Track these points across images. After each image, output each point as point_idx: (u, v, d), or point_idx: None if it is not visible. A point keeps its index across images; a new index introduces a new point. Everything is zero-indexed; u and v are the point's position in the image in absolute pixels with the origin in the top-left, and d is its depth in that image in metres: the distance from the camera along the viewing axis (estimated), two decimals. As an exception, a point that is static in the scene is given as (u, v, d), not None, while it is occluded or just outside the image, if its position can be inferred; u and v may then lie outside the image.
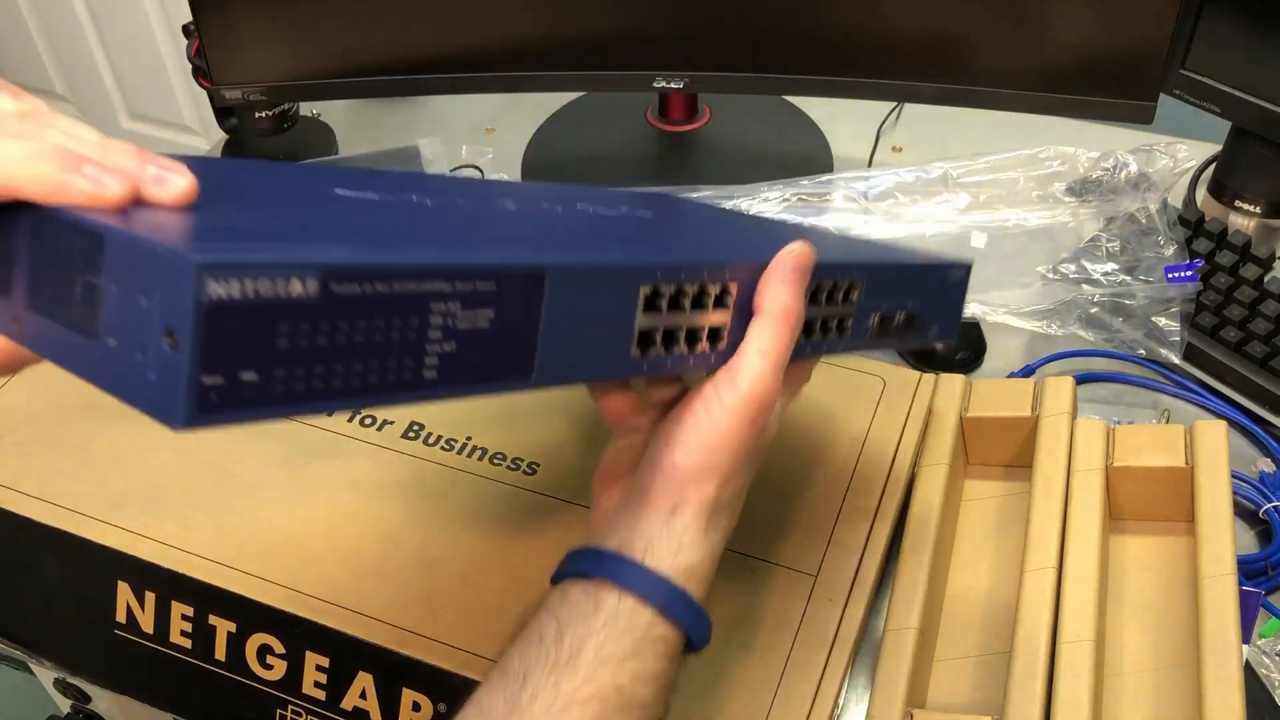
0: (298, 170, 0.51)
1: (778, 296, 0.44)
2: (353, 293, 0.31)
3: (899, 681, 0.54)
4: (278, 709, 0.60)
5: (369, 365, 0.33)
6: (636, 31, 0.88)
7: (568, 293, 0.38)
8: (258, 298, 0.29)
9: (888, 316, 0.53)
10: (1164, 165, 0.88)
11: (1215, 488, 0.58)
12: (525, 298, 0.37)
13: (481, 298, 0.35)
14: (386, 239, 0.37)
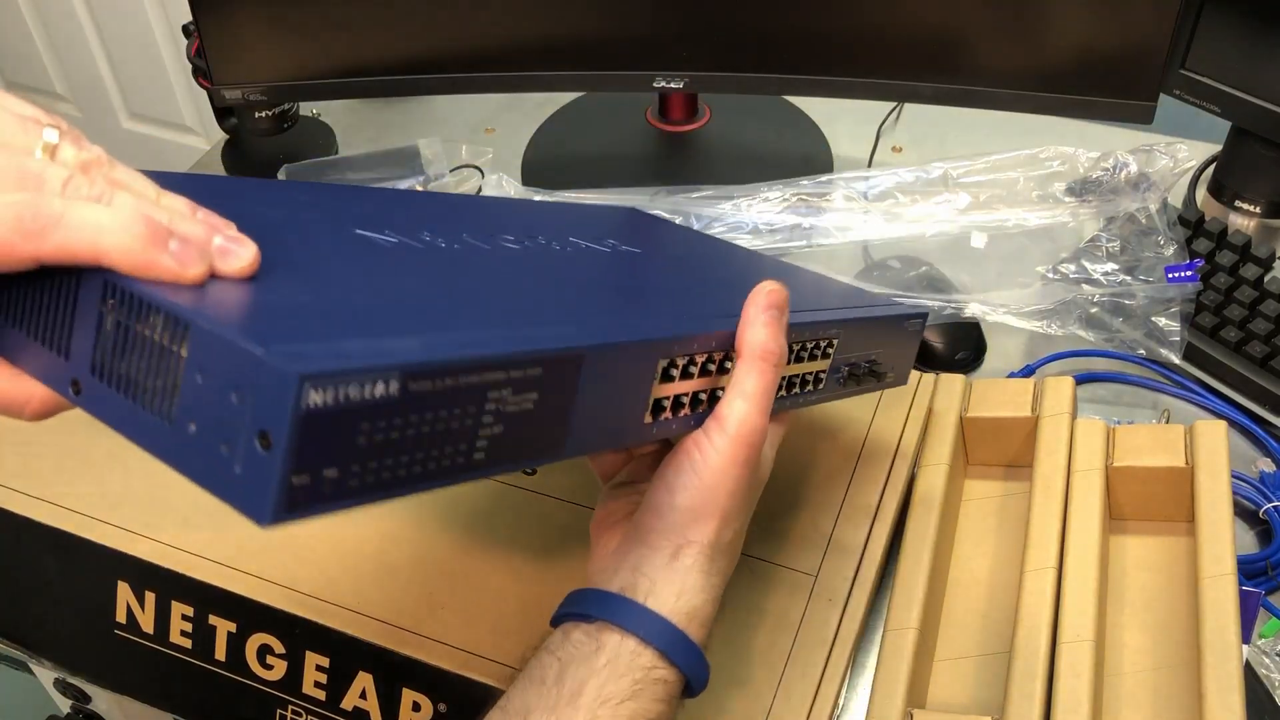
0: (307, 198, 0.49)
1: (757, 338, 0.45)
2: (425, 389, 0.32)
3: (899, 681, 0.54)
4: (278, 709, 0.60)
5: (429, 454, 0.34)
6: (636, 31, 0.88)
7: (599, 371, 0.40)
8: (348, 401, 0.30)
9: (856, 366, 0.55)
10: (1164, 165, 0.88)
11: (1215, 488, 0.58)
12: (565, 379, 0.38)
13: (529, 383, 0.36)
14: (442, 319, 0.37)
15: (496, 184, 0.91)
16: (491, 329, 0.37)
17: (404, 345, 0.32)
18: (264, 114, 1.01)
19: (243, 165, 1.04)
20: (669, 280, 0.57)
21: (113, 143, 2.10)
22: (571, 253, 0.54)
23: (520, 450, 0.37)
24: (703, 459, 0.44)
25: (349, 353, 0.30)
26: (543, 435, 0.38)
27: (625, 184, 0.92)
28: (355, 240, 0.44)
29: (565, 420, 0.39)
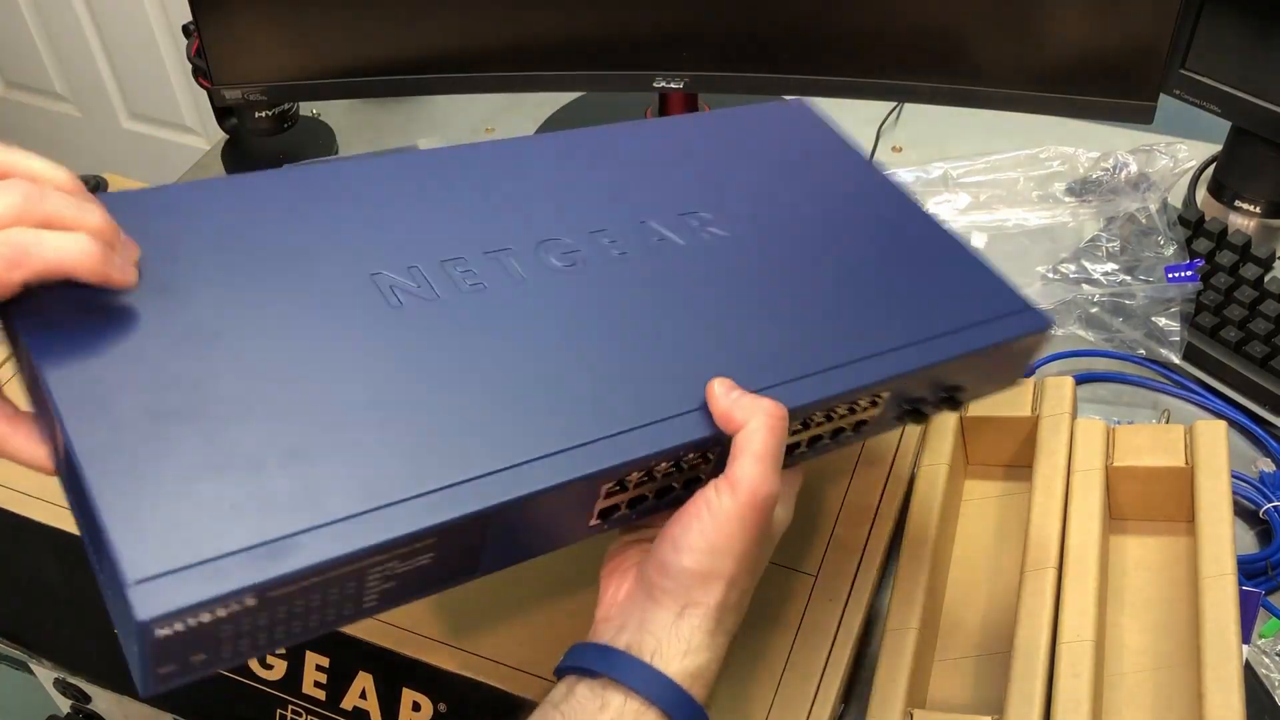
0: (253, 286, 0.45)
1: (756, 403, 0.44)
2: (289, 590, 0.35)
3: (899, 681, 0.54)
4: (278, 709, 0.60)
5: (309, 620, 0.37)
6: (636, 31, 0.88)
7: (511, 519, 0.40)
8: (200, 623, 0.33)
9: (923, 402, 0.51)
10: (1164, 165, 0.88)
11: (1215, 488, 0.58)
12: (466, 537, 0.39)
13: (420, 551, 0.38)
14: (324, 502, 0.37)
15: (496, 184, 0.91)
16: (384, 500, 0.37)
17: (261, 564, 0.34)
18: (264, 114, 1.01)
19: (243, 165, 1.04)
20: (658, 334, 0.48)
21: (113, 143, 2.10)
22: (540, 292, 0.48)
23: (421, 587, 0.40)
24: (712, 522, 0.43)
25: (199, 588, 0.33)
26: (449, 571, 0.40)
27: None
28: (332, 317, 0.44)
29: (475, 554, 0.41)
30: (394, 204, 0.50)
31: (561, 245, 0.50)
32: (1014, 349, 0.52)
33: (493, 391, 0.43)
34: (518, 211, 0.51)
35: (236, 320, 0.42)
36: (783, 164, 0.59)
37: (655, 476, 0.44)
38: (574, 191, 0.54)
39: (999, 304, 0.53)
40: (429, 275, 0.46)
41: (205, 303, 0.42)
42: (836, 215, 0.56)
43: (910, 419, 0.52)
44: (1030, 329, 0.52)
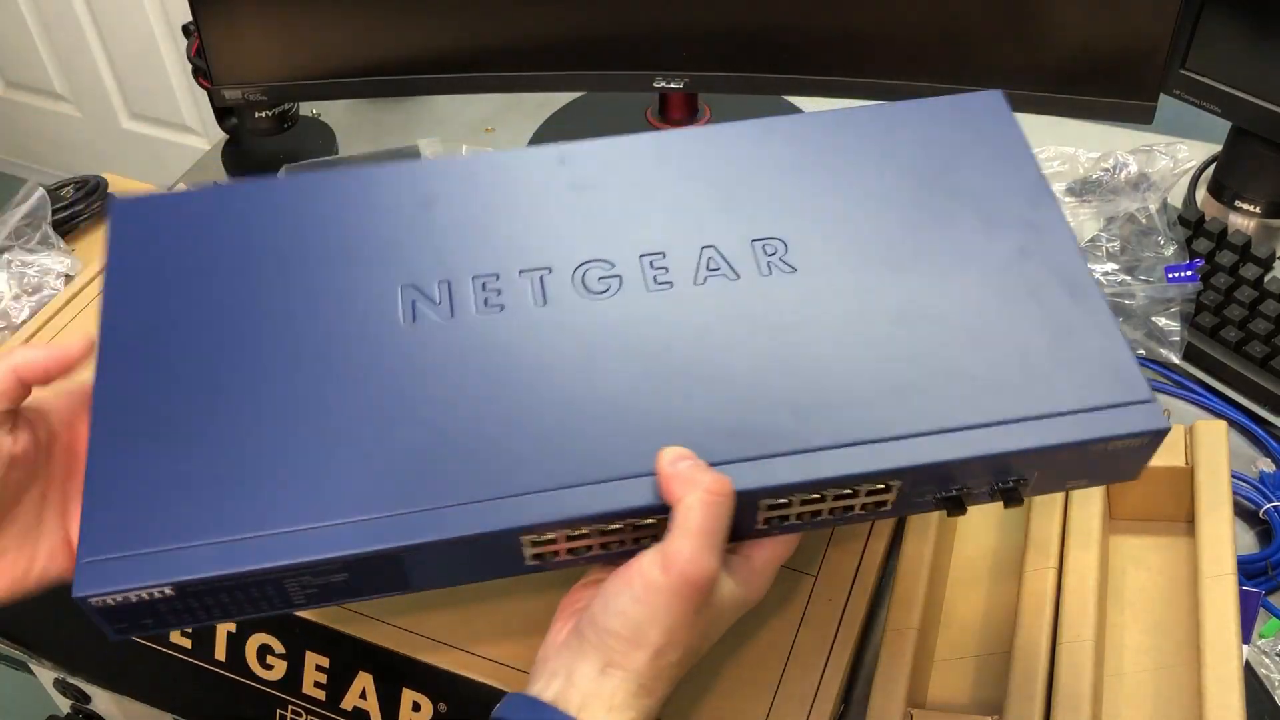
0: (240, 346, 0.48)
1: (693, 476, 0.42)
2: (206, 589, 0.41)
3: (899, 681, 0.54)
4: (278, 709, 0.60)
5: (244, 608, 0.43)
6: (636, 31, 0.88)
7: (426, 555, 0.42)
8: (129, 602, 0.41)
9: (964, 493, 0.45)
10: (1164, 165, 0.88)
11: (1215, 488, 0.58)
12: (378, 566, 0.42)
13: (330, 572, 0.42)
14: (270, 507, 0.42)
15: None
16: (296, 534, 0.42)
17: (184, 563, 0.41)
18: (264, 114, 1.01)
19: (243, 165, 1.04)
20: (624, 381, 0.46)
21: (113, 143, 2.10)
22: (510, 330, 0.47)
23: (353, 592, 0.43)
24: (642, 591, 0.42)
25: (125, 577, 0.41)
26: (378, 584, 0.43)
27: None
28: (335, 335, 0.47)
29: (401, 575, 0.43)
30: (454, 209, 0.50)
31: (603, 269, 0.48)
32: (1105, 450, 0.43)
33: (448, 428, 0.44)
34: (583, 225, 0.50)
35: (257, 331, 0.47)
36: (925, 174, 0.52)
37: (598, 532, 0.43)
38: (654, 202, 0.51)
39: (1103, 389, 0.43)
40: (455, 291, 0.47)
41: (231, 309, 0.47)
42: (948, 246, 0.49)
43: (951, 507, 0.45)
44: (1134, 429, 0.43)
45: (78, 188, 0.90)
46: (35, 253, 0.83)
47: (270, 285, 0.48)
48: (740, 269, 0.48)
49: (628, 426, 0.44)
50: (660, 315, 0.47)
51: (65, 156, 2.17)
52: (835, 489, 0.43)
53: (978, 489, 0.44)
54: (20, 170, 2.25)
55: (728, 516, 0.42)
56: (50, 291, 0.81)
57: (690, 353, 0.46)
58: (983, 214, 0.49)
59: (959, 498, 0.44)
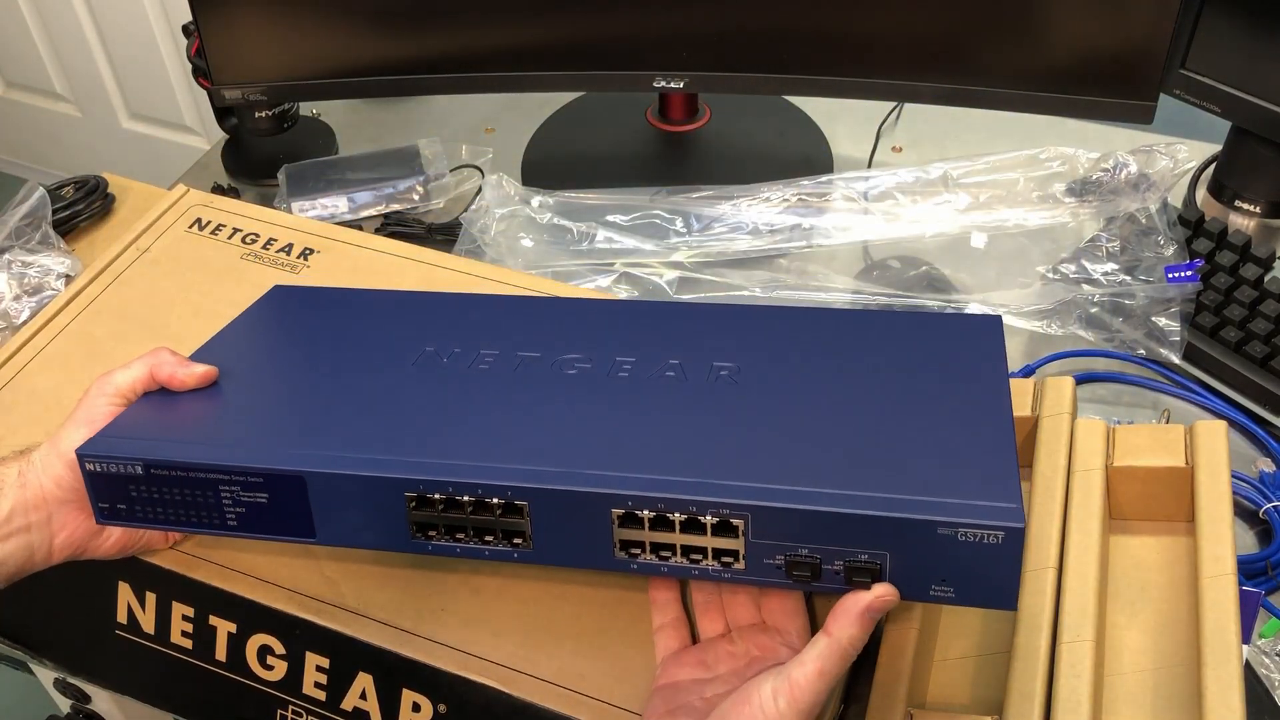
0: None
1: (851, 630, 0.45)
2: (165, 474, 0.52)
3: (899, 681, 0.54)
4: (278, 709, 0.60)
5: (192, 511, 0.53)
6: (636, 31, 0.88)
7: (332, 490, 0.51)
8: (112, 471, 0.53)
9: (807, 562, 0.46)
10: (1164, 165, 0.89)
11: (1215, 488, 0.58)
12: (292, 490, 0.51)
13: (255, 486, 0.51)
14: (224, 438, 0.54)
15: (496, 184, 0.91)
16: (237, 450, 0.52)
17: (156, 445, 0.53)
18: (264, 114, 1.01)
19: (243, 165, 1.04)
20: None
21: (113, 143, 2.10)
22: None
23: (272, 527, 0.52)
24: (775, 708, 0.45)
25: (113, 447, 0.53)
26: (290, 523, 0.52)
27: (625, 184, 0.92)
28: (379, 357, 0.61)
29: (308, 517, 0.51)
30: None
31: (581, 360, 0.58)
32: (956, 541, 0.44)
33: (409, 419, 0.54)
34: (580, 341, 0.59)
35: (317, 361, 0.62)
36: (891, 358, 0.57)
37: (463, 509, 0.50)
38: (642, 340, 0.60)
39: (969, 488, 0.45)
40: (459, 351, 0.60)
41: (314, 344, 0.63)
42: (885, 394, 0.53)
43: (801, 580, 0.47)
44: (983, 520, 0.43)
45: (78, 188, 0.90)
46: (35, 253, 0.83)
47: (336, 343, 0.63)
48: (689, 376, 0.56)
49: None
50: (600, 393, 0.55)
51: (65, 156, 2.17)
52: (681, 514, 0.47)
53: (829, 562, 0.46)
54: (20, 170, 2.25)
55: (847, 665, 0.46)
56: (50, 292, 0.81)
57: (609, 414, 0.54)
58: (933, 383, 0.54)
59: (810, 565, 0.46)
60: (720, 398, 0.54)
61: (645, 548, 0.48)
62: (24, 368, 0.70)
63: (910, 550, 0.45)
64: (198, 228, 0.78)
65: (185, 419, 0.56)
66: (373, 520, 0.51)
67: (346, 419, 0.55)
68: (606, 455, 0.49)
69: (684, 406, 0.54)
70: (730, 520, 0.46)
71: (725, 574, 0.48)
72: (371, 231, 0.90)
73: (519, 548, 0.50)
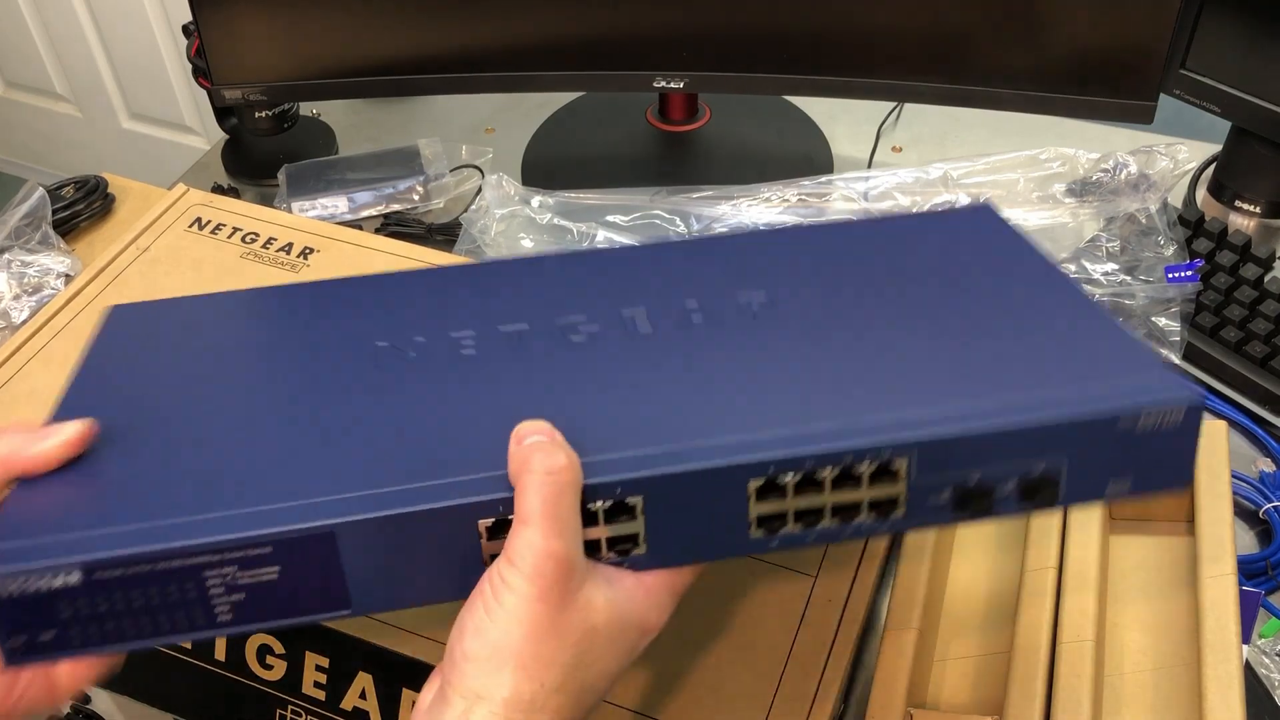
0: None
1: (523, 454, 0.38)
2: (117, 575, 0.37)
3: (899, 681, 0.54)
4: (278, 709, 0.60)
5: (158, 619, 0.38)
6: (636, 31, 0.88)
7: (372, 541, 0.38)
8: (35, 590, 0.37)
9: (983, 491, 0.41)
10: (1164, 166, 0.88)
11: (1215, 488, 0.58)
12: (315, 553, 0.38)
13: (260, 560, 0.38)
14: (176, 501, 0.40)
15: (496, 184, 0.91)
16: (216, 514, 0.38)
17: (88, 541, 0.37)
18: (264, 114, 1.01)
19: (243, 165, 1.04)
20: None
21: (113, 143, 2.10)
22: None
23: (286, 608, 0.39)
24: (494, 599, 0.37)
25: (26, 556, 0.37)
26: (313, 597, 0.39)
27: (625, 184, 0.92)
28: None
29: (340, 582, 0.39)
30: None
31: (583, 322, 0.48)
32: (1137, 429, 0.41)
33: (390, 428, 0.43)
34: (562, 303, 0.50)
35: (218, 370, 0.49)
36: (919, 262, 0.52)
37: None
38: (629, 289, 0.51)
39: (1125, 373, 0.42)
40: (426, 340, 0.48)
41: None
42: (923, 285, 0.49)
43: (974, 507, 0.41)
44: (1163, 398, 0.40)
45: (78, 188, 0.90)
46: (35, 253, 0.83)
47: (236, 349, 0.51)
48: (726, 317, 0.48)
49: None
50: (592, 356, 0.46)
51: (65, 156, 2.17)
52: (833, 468, 0.39)
53: (1003, 484, 0.41)
54: (20, 170, 2.25)
55: (572, 498, 0.38)
56: (50, 291, 0.81)
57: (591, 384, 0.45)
58: (987, 279, 0.50)
59: (982, 493, 0.40)
60: (778, 332, 0.46)
61: (788, 519, 0.40)
62: (23, 368, 0.70)
63: (1089, 450, 0.40)
64: (198, 227, 0.78)
65: (102, 494, 0.41)
66: (433, 565, 0.39)
67: (346, 445, 0.42)
68: (706, 421, 0.41)
69: (745, 349, 0.45)
70: (890, 464, 0.39)
71: (882, 525, 0.41)
72: (371, 231, 0.90)
73: (631, 555, 0.40)
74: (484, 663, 0.37)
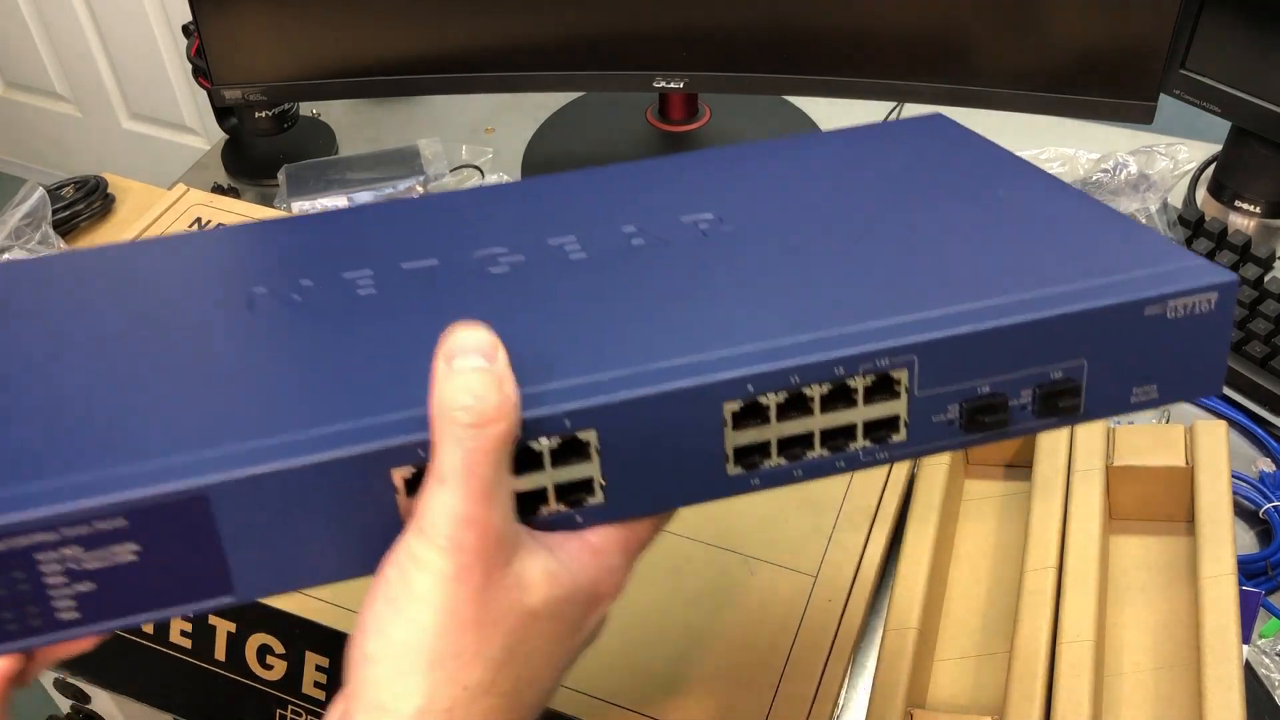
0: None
1: (444, 392, 0.30)
2: None
3: (899, 681, 0.54)
4: (278, 709, 0.60)
5: None
6: (636, 31, 0.88)
7: (256, 504, 0.30)
8: None
9: (991, 404, 0.35)
10: (1164, 166, 0.88)
11: (1215, 488, 0.58)
12: (184, 523, 0.30)
13: (111, 536, 0.30)
14: (40, 461, 0.31)
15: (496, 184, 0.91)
16: (75, 472, 0.30)
17: None
18: (264, 114, 1.01)
19: (243, 165, 1.04)
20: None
21: (113, 143, 2.10)
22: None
23: (152, 599, 0.31)
24: (401, 582, 0.30)
25: None
26: (178, 580, 0.31)
27: (625, 184, 0.92)
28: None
29: (220, 562, 0.31)
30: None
31: (503, 254, 0.41)
32: (1165, 320, 0.35)
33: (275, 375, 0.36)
34: (480, 236, 0.43)
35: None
36: (891, 167, 0.47)
37: None
38: (558, 219, 0.44)
39: (1142, 259, 0.36)
40: (314, 283, 0.40)
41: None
42: (893, 190, 0.43)
43: (984, 430, 0.35)
44: (1194, 283, 0.35)
45: (78, 188, 0.90)
46: (35, 253, 0.83)
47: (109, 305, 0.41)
48: (673, 238, 0.41)
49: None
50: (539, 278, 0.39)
51: (65, 156, 2.17)
52: (823, 384, 0.33)
53: (1017, 394, 0.35)
54: (20, 170, 2.25)
55: (503, 448, 0.30)
56: (50, 291, 0.81)
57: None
58: (961, 182, 0.45)
59: (994, 406, 0.35)
60: (738, 249, 0.40)
61: (771, 450, 0.34)
62: (24, 367, 0.70)
63: (1111, 348, 0.35)
64: (198, 227, 0.78)
65: None
66: (362, 531, 0.32)
67: (222, 398, 0.34)
68: (667, 342, 0.34)
69: (702, 269, 0.39)
70: (890, 374, 0.34)
71: (880, 452, 0.35)
72: (371, 231, 0.90)
73: (585, 505, 0.33)
74: (388, 665, 0.30)
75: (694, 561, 0.59)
